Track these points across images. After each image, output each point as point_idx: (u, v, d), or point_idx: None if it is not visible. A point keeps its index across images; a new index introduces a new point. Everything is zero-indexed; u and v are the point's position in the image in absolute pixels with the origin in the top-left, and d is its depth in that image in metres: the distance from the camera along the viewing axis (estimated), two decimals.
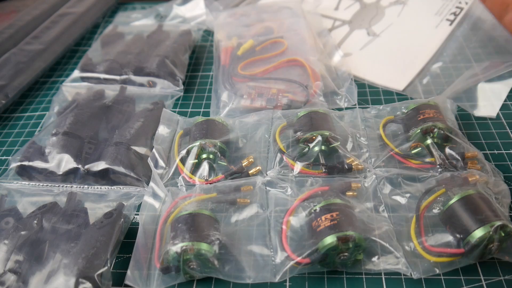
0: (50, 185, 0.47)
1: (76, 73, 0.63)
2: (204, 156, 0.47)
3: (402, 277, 0.38)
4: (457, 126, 0.49)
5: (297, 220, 0.40)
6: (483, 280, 0.37)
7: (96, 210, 0.44)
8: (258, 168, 0.46)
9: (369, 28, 0.70)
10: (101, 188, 0.47)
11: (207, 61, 0.68)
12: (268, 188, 0.44)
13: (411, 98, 0.56)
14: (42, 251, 0.39)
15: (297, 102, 0.54)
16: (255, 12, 0.72)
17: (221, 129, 0.49)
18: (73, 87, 0.61)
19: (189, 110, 0.59)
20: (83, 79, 0.63)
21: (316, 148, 0.45)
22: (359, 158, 0.46)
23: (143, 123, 0.52)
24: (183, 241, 0.36)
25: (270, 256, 0.38)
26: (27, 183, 0.48)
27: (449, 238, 0.37)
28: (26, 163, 0.48)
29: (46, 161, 0.48)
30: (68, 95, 0.59)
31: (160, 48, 0.65)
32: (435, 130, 0.45)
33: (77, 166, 0.47)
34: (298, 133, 0.47)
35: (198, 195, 0.43)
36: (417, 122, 0.46)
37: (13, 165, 0.48)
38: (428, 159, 0.44)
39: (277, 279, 0.37)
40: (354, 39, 0.68)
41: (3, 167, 0.53)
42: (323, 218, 0.37)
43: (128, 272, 0.38)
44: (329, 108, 0.52)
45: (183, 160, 0.47)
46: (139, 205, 0.45)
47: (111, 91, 0.59)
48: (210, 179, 0.45)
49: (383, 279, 0.38)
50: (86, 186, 0.47)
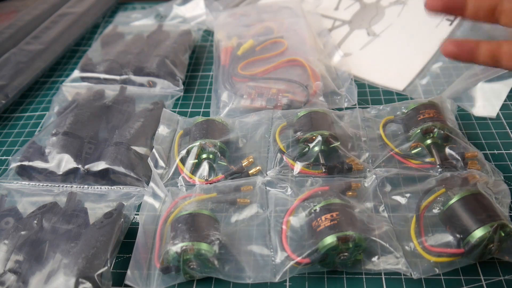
0: (50, 185, 0.47)
1: (76, 73, 0.63)
2: (204, 156, 0.47)
3: (402, 277, 0.38)
4: (457, 126, 0.49)
5: (297, 220, 0.40)
6: (483, 280, 0.37)
7: (96, 210, 0.44)
8: (258, 168, 0.46)
9: (369, 28, 0.69)
10: (101, 188, 0.47)
11: (207, 61, 0.68)
12: (268, 188, 0.44)
13: (411, 98, 0.56)
14: (42, 251, 0.39)
15: (297, 102, 0.54)
16: (255, 12, 0.72)
17: (221, 129, 0.49)
18: (73, 87, 0.61)
19: (189, 110, 0.59)
20: (83, 79, 0.63)
21: (316, 148, 0.45)
22: (359, 158, 0.46)
23: (143, 123, 0.52)
24: (183, 241, 0.36)
25: (270, 256, 0.38)
26: (27, 183, 0.48)
27: (449, 238, 0.37)
28: (26, 163, 0.48)
29: (46, 161, 0.48)
30: (68, 95, 0.59)
31: (160, 48, 0.65)
32: (435, 130, 0.45)
33: (77, 166, 0.47)
34: (298, 133, 0.47)
35: (198, 195, 0.43)
36: (417, 122, 0.46)
37: (13, 165, 0.48)
38: (428, 159, 0.44)
39: (277, 279, 0.37)
40: (354, 39, 0.68)
41: (3, 167, 0.53)
42: (323, 218, 0.37)
43: (128, 272, 0.38)
44: (329, 108, 0.52)
45: (183, 160, 0.47)
46: (139, 205, 0.45)
47: (111, 91, 0.59)
48: (210, 179, 0.45)
49: (383, 279, 0.38)
50: (86, 186, 0.47)
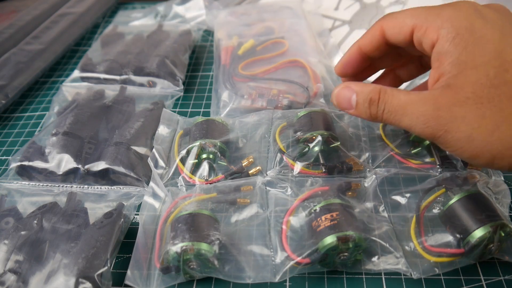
0: (50, 185, 0.47)
1: (76, 73, 0.63)
2: (204, 156, 0.47)
3: (402, 277, 0.38)
4: None
5: (297, 220, 0.40)
6: (483, 280, 0.37)
7: (96, 210, 0.44)
8: (258, 168, 0.46)
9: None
10: (101, 188, 0.47)
11: (207, 61, 0.68)
12: (268, 188, 0.44)
13: None
14: (42, 251, 0.39)
15: (298, 104, 0.54)
16: (256, 12, 0.72)
17: (221, 129, 0.49)
18: (73, 87, 0.61)
19: (189, 110, 0.59)
20: (83, 79, 0.63)
21: (316, 148, 0.45)
22: (359, 158, 0.46)
23: (143, 123, 0.52)
24: (183, 241, 0.36)
25: (270, 256, 0.38)
26: (27, 183, 0.48)
27: (449, 238, 0.37)
28: (26, 163, 0.48)
29: (46, 161, 0.48)
30: (68, 95, 0.59)
31: (160, 48, 0.65)
32: None
33: (77, 166, 0.47)
34: (298, 133, 0.47)
35: (198, 195, 0.43)
36: None
37: (13, 165, 0.48)
38: (428, 159, 0.44)
39: (277, 279, 0.37)
40: (354, 39, 0.68)
41: (3, 167, 0.53)
42: (323, 218, 0.37)
43: (128, 272, 0.38)
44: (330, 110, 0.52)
45: (183, 160, 0.47)
46: (139, 205, 0.45)
47: (111, 91, 0.59)
48: (210, 179, 0.45)
49: (383, 279, 0.38)
50: (86, 186, 0.47)
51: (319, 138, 0.45)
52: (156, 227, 0.41)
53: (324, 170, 0.44)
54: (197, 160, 0.47)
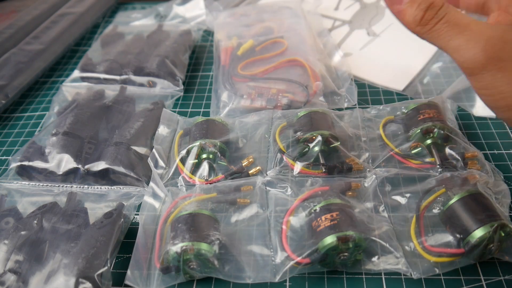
0: (50, 185, 0.47)
1: (76, 73, 0.63)
2: (204, 156, 0.47)
3: (402, 277, 0.38)
4: (457, 126, 0.49)
5: (297, 220, 0.40)
6: (483, 280, 0.37)
7: (96, 210, 0.44)
8: (258, 168, 0.46)
9: (369, 28, 0.69)
10: (101, 188, 0.47)
11: (207, 61, 0.68)
12: (268, 188, 0.44)
13: (411, 98, 0.56)
14: (42, 251, 0.39)
15: (297, 103, 0.54)
16: (255, 12, 0.72)
17: (221, 129, 0.49)
18: (73, 87, 0.61)
19: (189, 110, 0.59)
20: (83, 79, 0.63)
21: (316, 148, 0.45)
22: (359, 158, 0.46)
23: (143, 123, 0.52)
24: (183, 241, 0.36)
25: (270, 256, 0.38)
26: (27, 183, 0.48)
27: (449, 238, 0.37)
28: (26, 163, 0.48)
29: (46, 161, 0.48)
30: (68, 95, 0.59)
31: (160, 48, 0.65)
32: (435, 130, 0.45)
33: (77, 166, 0.47)
34: (298, 133, 0.47)
35: (198, 195, 0.43)
36: (417, 122, 0.46)
37: (13, 165, 0.48)
38: (428, 159, 0.44)
39: (277, 279, 0.37)
40: (354, 39, 0.68)
41: (3, 167, 0.53)
42: (323, 218, 0.37)
43: (128, 272, 0.38)
44: (329, 108, 0.52)
45: (183, 160, 0.47)
46: (139, 205, 0.45)
47: (111, 91, 0.59)
48: (210, 179, 0.45)
49: (383, 279, 0.38)
50: (86, 186, 0.47)
51: (319, 138, 0.45)
52: (156, 227, 0.41)
53: (324, 170, 0.44)
54: (197, 160, 0.47)
